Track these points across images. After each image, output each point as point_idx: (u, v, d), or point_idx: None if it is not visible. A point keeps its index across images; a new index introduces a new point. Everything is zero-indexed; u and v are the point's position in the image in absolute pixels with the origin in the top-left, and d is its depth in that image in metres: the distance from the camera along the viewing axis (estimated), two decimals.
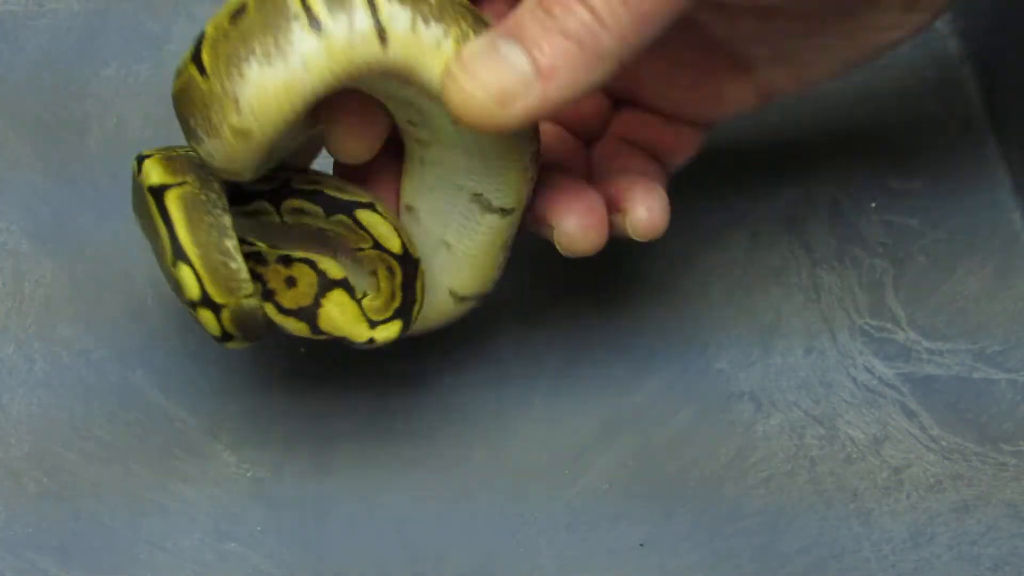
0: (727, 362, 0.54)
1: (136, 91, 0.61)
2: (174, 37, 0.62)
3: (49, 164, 0.59)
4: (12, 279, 0.56)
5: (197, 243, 0.42)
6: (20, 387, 0.53)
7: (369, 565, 0.50)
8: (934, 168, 0.59)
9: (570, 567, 0.50)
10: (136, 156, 0.44)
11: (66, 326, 0.54)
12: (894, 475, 0.52)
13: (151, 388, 0.53)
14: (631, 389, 0.54)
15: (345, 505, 0.51)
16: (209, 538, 0.50)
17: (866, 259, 0.57)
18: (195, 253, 0.42)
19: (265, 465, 0.52)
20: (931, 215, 0.58)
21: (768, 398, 0.53)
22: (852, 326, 0.55)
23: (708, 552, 0.50)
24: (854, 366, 0.54)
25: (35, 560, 0.49)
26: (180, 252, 0.42)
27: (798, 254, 0.57)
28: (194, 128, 0.41)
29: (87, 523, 0.50)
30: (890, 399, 0.53)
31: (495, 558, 0.50)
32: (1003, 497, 0.51)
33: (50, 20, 0.63)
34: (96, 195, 0.58)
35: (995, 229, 0.58)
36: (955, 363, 0.54)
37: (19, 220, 0.57)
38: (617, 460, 0.52)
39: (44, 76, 0.61)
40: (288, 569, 0.49)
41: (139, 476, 0.51)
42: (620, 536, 0.50)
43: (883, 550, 0.50)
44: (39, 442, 0.52)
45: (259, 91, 0.39)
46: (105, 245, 0.56)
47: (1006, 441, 0.52)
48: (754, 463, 0.52)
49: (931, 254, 0.57)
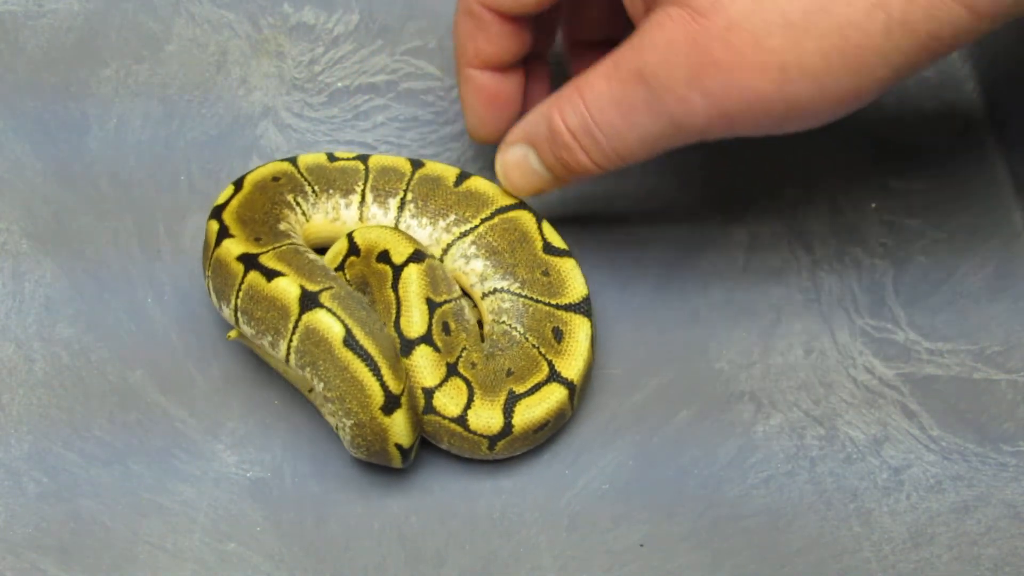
0: (727, 362, 0.54)
1: (136, 91, 0.61)
2: (174, 37, 0.62)
3: (49, 164, 0.59)
4: (12, 279, 0.56)
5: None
6: (20, 387, 0.53)
7: (369, 565, 0.50)
8: (934, 168, 0.59)
9: (570, 567, 0.50)
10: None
11: (66, 326, 0.54)
12: (894, 475, 0.52)
13: (151, 388, 0.53)
14: (631, 389, 0.54)
15: (345, 505, 0.51)
16: (209, 538, 0.50)
17: (866, 259, 0.57)
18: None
19: (265, 465, 0.52)
20: (931, 215, 0.58)
21: (768, 398, 0.53)
22: (852, 326, 0.55)
23: (708, 552, 0.50)
24: (854, 366, 0.54)
25: (35, 560, 0.49)
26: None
27: (798, 254, 0.57)
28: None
29: (87, 523, 0.50)
30: (890, 399, 0.53)
31: (495, 558, 0.50)
32: (1003, 497, 0.51)
33: (50, 20, 0.63)
34: (96, 195, 0.58)
35: (995, 229, 0.58)
36: (955, 363, 0.54)
37: (19, 220, 0.57)
38: (617, 460, 0.52)
39: (44, 76, 0.61)
40: (288, 569, 0.49)
41: (139, 476, 0.51)
42: (620, 536, 0.50)
43: (883, 550, 0.50)
44: (39, 442, 0.52)
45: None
46: (105, 245, 0.56)
47: (1006, 441, 0.52)
48: (754, 463, 0.52)
49: (931, 254, 0.57)
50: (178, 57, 0.62)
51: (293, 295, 0.47)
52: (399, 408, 0.47)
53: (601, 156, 0.49)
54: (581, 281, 0.52)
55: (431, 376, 0.49)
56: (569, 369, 0.50)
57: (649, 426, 0.53)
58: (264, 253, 0.49)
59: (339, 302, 0.47)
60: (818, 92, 0.44)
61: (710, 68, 0.44)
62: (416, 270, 0.50)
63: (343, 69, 0.62)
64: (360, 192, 0.53)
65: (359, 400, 0.47)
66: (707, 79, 0.45)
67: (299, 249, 0.50)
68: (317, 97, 0.61)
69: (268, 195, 0.52)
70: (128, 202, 0.58)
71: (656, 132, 0.47)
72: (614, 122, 0.47)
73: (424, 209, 0.53)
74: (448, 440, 0.50)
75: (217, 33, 0.63)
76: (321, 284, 0.48)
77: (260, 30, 0.63)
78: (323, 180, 0.54)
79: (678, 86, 0.45)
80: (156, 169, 0.59)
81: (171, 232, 0.57)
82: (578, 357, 0.50)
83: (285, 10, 0.63)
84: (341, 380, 0.47)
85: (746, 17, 0.44)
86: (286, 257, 0.49)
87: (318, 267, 0.49)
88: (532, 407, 0.49)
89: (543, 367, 0.50)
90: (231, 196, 0.52)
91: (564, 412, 0.50)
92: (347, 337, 0.47)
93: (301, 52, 0.62)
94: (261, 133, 0.60)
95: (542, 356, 0.50)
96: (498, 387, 0.49)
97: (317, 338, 0.47)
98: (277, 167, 0.53)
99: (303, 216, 0.53)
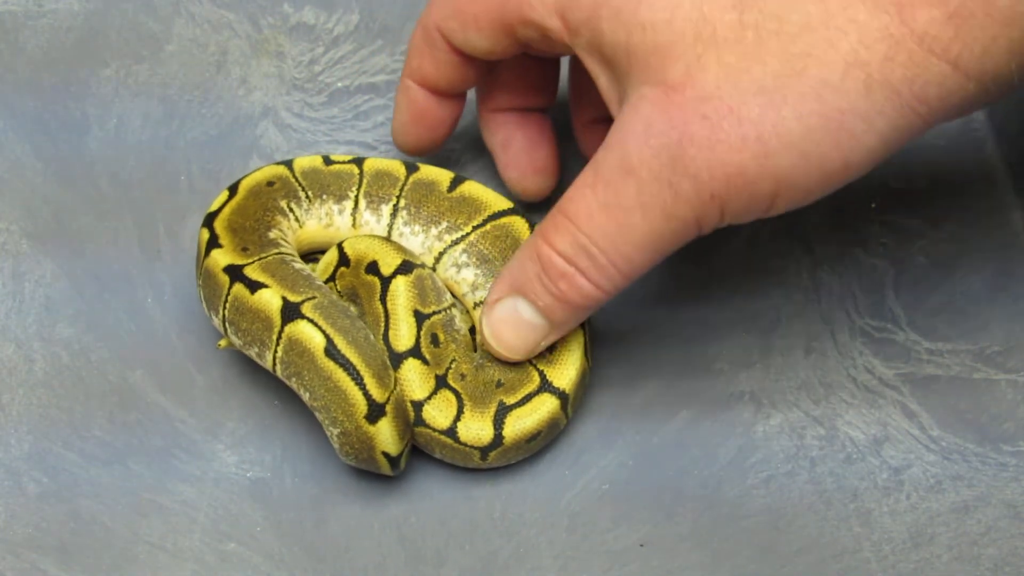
0: (727, 362, 0.54)
1: (136, 91, 0.61)
2: (174, 37, 0.62)
3: (49, 164, 0.59)
4: (12, 279, 0.56)
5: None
6: (20, 387, 0.53)
7: (369, 565, 0.50)
8: (934, 168, 0.59)
9: (570, 567, 0.50)
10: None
11: (66, 326, 0.54)
12: (894, 475, 0.52)
13: (151, 388, 0.53)
14: (631, 389, 0.54)
15: (345, 505, 0.51)
16: (209, 538, 0.50)
17: (866, 259, 0.57)
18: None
19: (265, 465, 0.52)
20: (931, 215, 0.58)
21: (768, 398, 0.53)
22: (852, 326, 0.55)
23: (708, 552, 0.50)
24: (854, 366, 0.54)
25: (35, 560, 0.49)
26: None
27: (798, 254, 0.57)
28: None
29: (87, 523, 0.50)
30: (890, 399, 0.53)
31: (495, 558, 0.50)
32: (1003, 497, 0.51)
33: (50, 20, 0.63)
34: (96, 195, 0.58)
35: (995, 229, 0.58)
36: (955, 364, 0.54)
37: (19, 220, 0.57)
38: (617, 460, 0.52)
39: (44, 76, 0.61)
40: (288, 569, 0.49)
41: (139, 476, 0.51)
42: (620, 536, 0.50)
43: (883, 550, 0.50)
44: (39, 442, 0.52)
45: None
46: (105, 245, 0.56)
47: (1006, 441, 0.52)
48: (754, 463, 0.52)
49: (931, 254, 0.57)
50: (178, 57, 0.62)
51: (275, 306, 0.48)
52: (384, 416, 0.47)
53: (601, 275, 0.45)
54: None
55: (420, 389, 0.49)
56: (561, 379, 0.50)
57: (649, 426, 0.53)
58: (249, 264, 0.49)
59: (321, 312, 0.47)
60: (802, 163, 0.42)
61: (690, 147, 0.42)
62: (404, 282, 0.50)
63: (343, 69, 0.62)
64: (353, 198, 0.53)
65: (343, 409, 0.47)
66: (689, 160, 0.42)
67: (285, 259, 0.50)
68: (317, 97, 0.61)
69: (261, 201, 0.52)
70: (128, 202, 0.58)
71: (652, 231, 0.44)
72: (607, 230, 0.44)
73: (416, 216, 0.53)
74: (440, 451, 0.50)
75: (217, 33, 0.63)
76: (304, 295, 0.48)
77: (260, 30, 0.63)
78: (317, 185, 0.53)
79: (664, 172, 0.42)
80: (156, 169, 0.59)
81: (171, 232, 0.57)
82: (570, 366, 0.50)
83: (285, 10, 0.63)
84: (325, 390, 0.47)
85: (719, 87, 0.41)
86: (271, 268, 0.49)
87: (302, 277, 0.49)
88: (523, 418, 0.49)
89: (534, 377, 0.50)
90: (224, 202, 0.52)
91: (557, 422, 0.50)
92: (328, 347, 0.47)
93: (301, 52, 0.62)
94: (261, 133, 0.60)
95: (533, 366, 0.50)
96: (488, 398, 0.49)
97: (300, 348, 0.47)
98: (272, 171, 0.53)
99: (296, 222, 0.53)
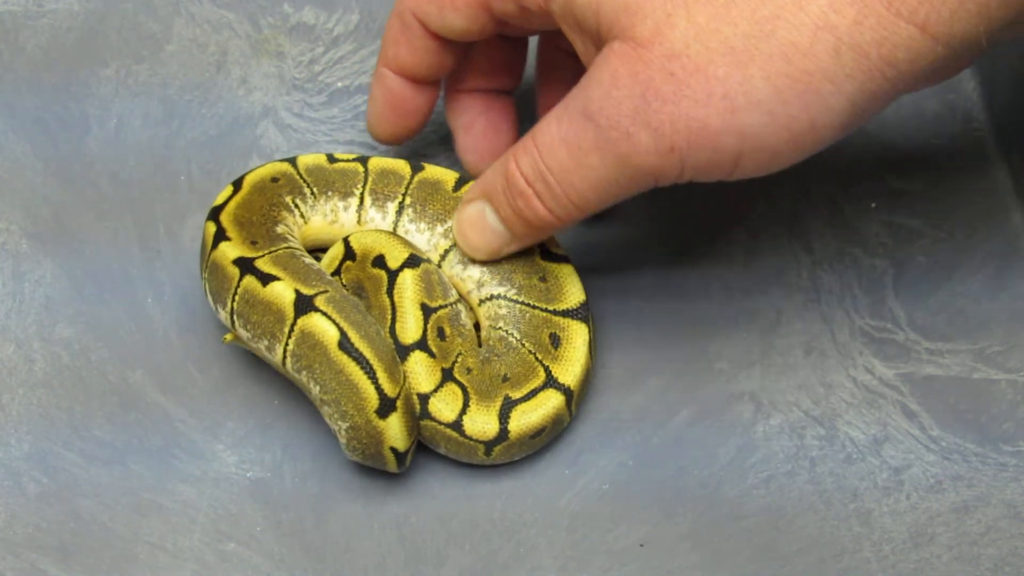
0: (727, 362, 0.54)
1: (136, 91, 0.61)
2: (174, 37, 0.62)
3: (49, 164, 0.59)
4: (12, 279, 0.56)
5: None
6: (20, 387, 0.53)
7: (369, 565, 0.50)
8: (934, 168, 0.59)
9: (570, 567, 0.50)
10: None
11: (66, 326, 0.54)
12: (894, 475, 0.52)
13: (151, 388, 0.53)
14: (631, 389, 0.54)
15: (345, 505, 0.51)
16: (209, 538, 0.50)
17: (866, 259, 0.57)
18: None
19: (265, 465, 0.52)
20: (931, 215, 0.58)
21: (768, 398, 0.53)
22: (852, 326, 0.55)
23: (708, 552, 0.50)
24: (854, 366, 0.54)
25: (35, 560, 0.49)
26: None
27: (798, 254, 0.57)
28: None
29: (87, 523, 0.50)
30: (890, 399, 0.53)
31: (495, 558, 0.50)
32: (1003, 497, 0.51)
33: (50, 20, 0.63)
34: (96, 195, 0.58)
35: (995, 229, 0.58)
36: (955, 363, 0.54)
37: (19, 220, 0.57)
38: (617, 460, 0.52)
39: (44, 76, 0.61)
40: (288, 569, 0.49)
41: (139, 476, 0.51)
42: (620, 536, 0.50)
43: (883, 550, 0.50)
44: (39, 442, 0.52)
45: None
46: (105, 245, 0.56)
47: (1006, 441, 0.52)
48: (754, 463, 0.52)
49: (931, 254, 0.57)
50: (178, 57, 0.62)
51: (288, 299, 0.48)
52: (394, 411, 0.47)
53: (555, 203, 0.47)
54: (579, 286, 0.52)
55: (426, 382, 0.49)
56: (566, 375, 0.50)
57: (649, 426, 0.53)
58: (260, 257, 0.49)
59: (334, 305, 0.47)
60: (769, 121, 0.43)
61: (654, 101, 0.43)
62: (411, 275, 0.50)
63: (343, 69, 0.62)
64: (359, 195, 0.53)
65: (354, 403, 0.47)
66: (652, 112, 0.43)
67: (295, 253, 0.50)
68: (317, 97, 0.61)
69: (266, 197, 0.52)
70: (128, 202, 0.58)
71: (607, 175, 0.45)
72: (565, 164, 0.46)
73: (422, 214, 0.53)
74: (445, 445, 0.50)
75: (217, 33, 0.63)
76: (316, 288, 0.48)
77: (260, 30, 0.63)
78: (322, 182, 0.53)
79: (624, 121, 0.44)
80: (156, 169, 0.59)
81: (171, 232, 0.57)
82: (575, 363, 0.50)
83: (285, 10, 0.63)
84: (336, 383, 0.47)
85: (688, 45, 0.42)
86: (282, 261, 0.49)
87: (314, 271, 0.49)
88: (528, 413, 0.49)
89: (540, 373, 0.50)
90: (229, 197, 0.52)
91: (562, 418, 0.50)
92: (342, 340, 0.47)
93: (301, 52, 0.62)
94: (261, 133, 0.60)
95: (539, 362, 0.50)
96: (494, 392, 0.49)
97: (312, 341, 0.47)
98: (276, 168, 0.53)
99: (301, 218, 0.53)
